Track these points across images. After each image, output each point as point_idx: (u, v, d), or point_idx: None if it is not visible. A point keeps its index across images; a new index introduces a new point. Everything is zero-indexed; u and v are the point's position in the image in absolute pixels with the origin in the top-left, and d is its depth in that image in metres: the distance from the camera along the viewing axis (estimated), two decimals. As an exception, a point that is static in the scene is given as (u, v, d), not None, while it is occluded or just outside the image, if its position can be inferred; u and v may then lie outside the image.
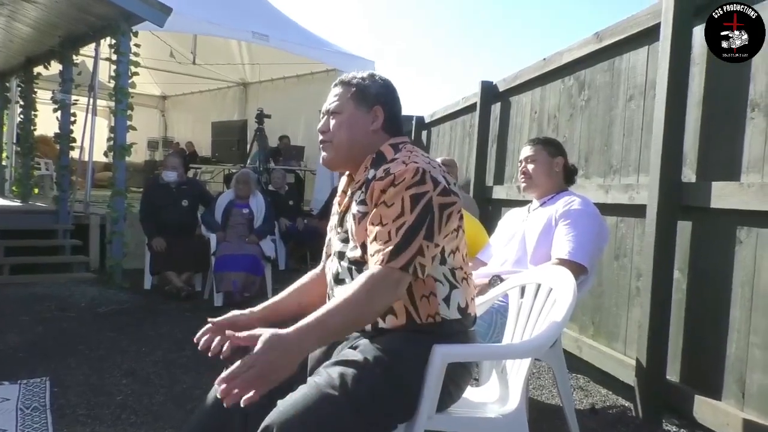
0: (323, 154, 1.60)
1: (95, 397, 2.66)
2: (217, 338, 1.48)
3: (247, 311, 1.61)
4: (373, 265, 1.38)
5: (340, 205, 1.62)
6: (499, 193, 4.56)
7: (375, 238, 1.40)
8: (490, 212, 4.69)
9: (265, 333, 1.27)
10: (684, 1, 2.56)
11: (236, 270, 4.69)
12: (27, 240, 5.80)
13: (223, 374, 1.23)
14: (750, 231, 2.27)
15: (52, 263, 5.66)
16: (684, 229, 2.62)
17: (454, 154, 5.69)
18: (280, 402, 1.40)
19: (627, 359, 2.90)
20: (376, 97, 1.57)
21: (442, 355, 1.44)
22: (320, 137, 1.61)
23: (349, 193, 1.57)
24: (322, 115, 1.62)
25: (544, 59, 3.96)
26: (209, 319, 1.55)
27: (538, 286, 1.86)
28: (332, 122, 1.57)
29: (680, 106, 2.60)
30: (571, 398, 2.51)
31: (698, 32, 2.58)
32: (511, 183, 4.45)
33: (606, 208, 2.97)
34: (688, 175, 2.62)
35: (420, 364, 1.45)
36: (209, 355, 1.46)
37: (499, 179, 4.69)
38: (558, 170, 2.57)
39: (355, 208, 1.51)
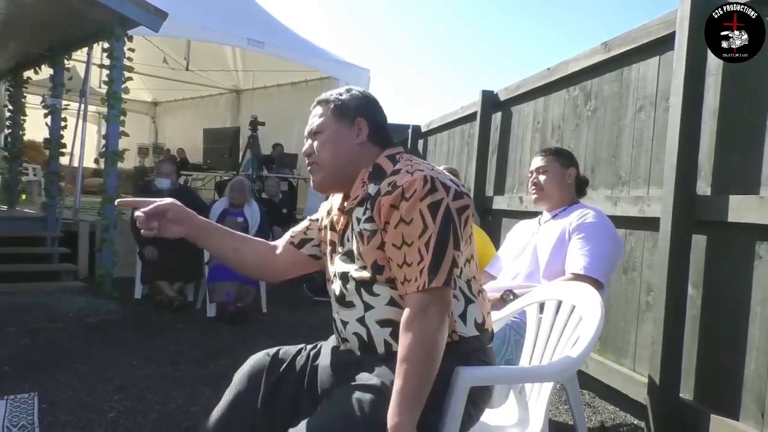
0: (312, 177, 1.53)
1: (86, 414, 2.54)
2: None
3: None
4: (415, 292, 1.30)
5: (337, 224, 1.52)
6: (499, 203, 4.49)
7: (405, 262, 1.32)
8: (489, 222, 4.62)
9: None
10: (700, 10, 2.50)
11: (230, 280, 4.56)
12: (13, 247, 5.65)
13: None
14: (770, 246, 2.21)
15: (39, 271, 5.50)
16: (698, 243, 2.55)
17: (452, 164, 5.60)
18: (291, 430, 1.31)
19: (637, 376, 2.82)
20: (356, 109, 1.50)
21: (466, 380, 1.35)
22: (307, 161, 1.54)
23: (346, 209, 1.48)
24: (305, 138, 1.56)
25: (549, 69, 3.90)
26: (136, 214, 1.54)
27: (559, 302, 1.77)
28: (316, 143, 1.51)
29: (695, 118, 2.54)
30: (584, 417, 2.43)
31: (713, 42, 2.52)
32: (512, 193, 4.38)
33: (614, 221, 2.87)
34: (703, 188, 2.55)
35: (439, 388, 1.36)
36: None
37: (499, 189, 4.62)
38: (570, 182, 2.50)
39: (359, 226, 1.41)
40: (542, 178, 2.49)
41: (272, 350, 1.63)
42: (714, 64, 2.53)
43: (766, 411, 2.18)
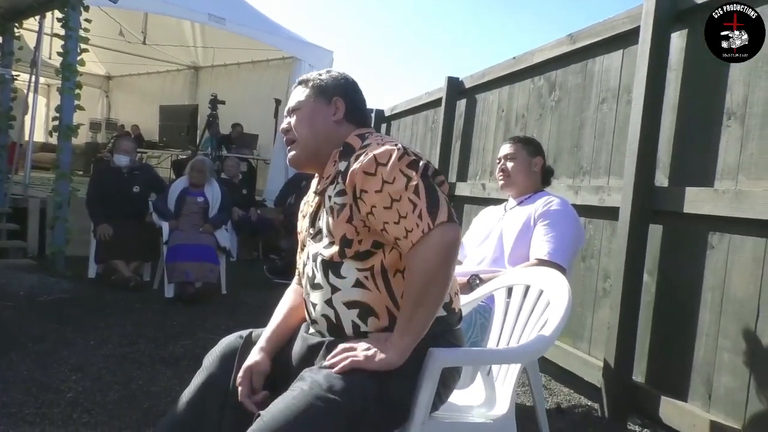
0: (289, 153, 1.55)
1: (43, 395, 2.48)
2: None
3: (257, 349, 1.53)
4: (421, 236, 1.29)
5: (312, 207, 1.55)
6: (462, 190, 4.54)
7: (400, 216, 1.32)
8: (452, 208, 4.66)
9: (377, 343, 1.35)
10: (665, 7, 2.58)
11: (189, 260, 4.50)
12: (-42, 223, 5.41)
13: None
14: (722, 237, 2.31)
15: (-14, 248, 5.30)
16: (654, 232, 2.65)
17: (416, 149, 5.63)
18: (263, 411, 1.31)
19: (592, 359, 2.93)
20: (335, 88, 1.55)
21: (439, 361, 1.38)
22: (284, 138, 1.57)
23: (319, 190, 1.50)
24: (284, 117, 1.60)
25: (514, 58, 3.95)
26: (239, 378, 1.49)
27: (527, 287, 1.82)
28: (294, 119, 1.54)
29: (656, 111, 2.63)
30: (543, 399, 2.51)
31: (676, 38, 2.61)
32: (475, 180, 4.44)
33: (575, 209, 2.97)
34: (660, 179, 2.65)
35: (410, 369, 1.38)
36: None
37: (462, 176, 4.68)
38: (536, 170, 2.56)
39: (330, 202, 1.44)
40: (510, 165, 2.54)
41: (244, 332, 1.62)
42: (675, 59, 2.62)
43: (713, 393, 2.30)
